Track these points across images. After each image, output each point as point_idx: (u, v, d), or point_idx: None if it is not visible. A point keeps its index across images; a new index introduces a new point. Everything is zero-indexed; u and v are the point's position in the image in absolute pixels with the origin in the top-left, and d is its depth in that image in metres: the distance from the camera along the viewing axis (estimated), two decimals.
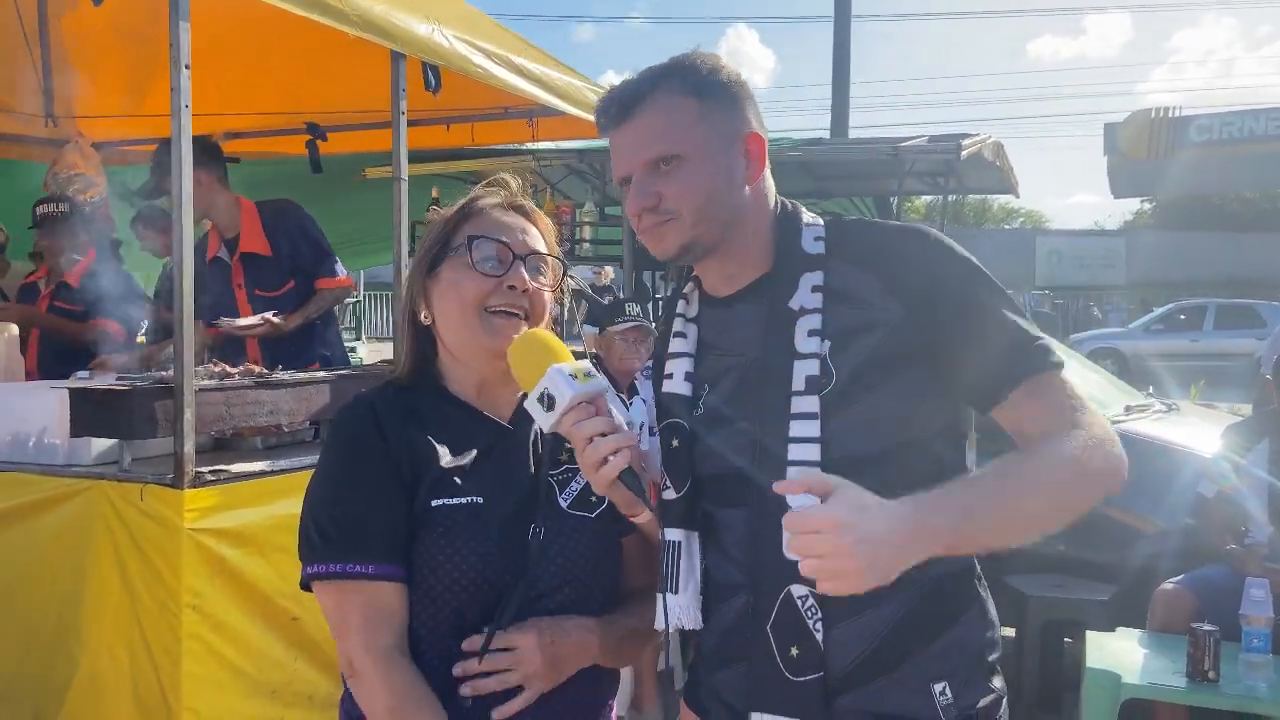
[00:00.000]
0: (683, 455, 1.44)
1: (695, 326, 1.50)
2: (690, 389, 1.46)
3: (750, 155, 1.40)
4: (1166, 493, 4.26)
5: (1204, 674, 3.12)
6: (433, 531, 1.42)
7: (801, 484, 1.22)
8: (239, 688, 2.83)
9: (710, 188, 1.37)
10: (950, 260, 1.37)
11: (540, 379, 1.33)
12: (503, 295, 1.47)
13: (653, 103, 1.38)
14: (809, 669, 1.31)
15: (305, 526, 1.45)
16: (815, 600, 1.31)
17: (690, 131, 1.37)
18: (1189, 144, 16.06)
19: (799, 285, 1.38)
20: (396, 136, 3.56)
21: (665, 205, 1.37)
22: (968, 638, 1.38)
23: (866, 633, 1.33)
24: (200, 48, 2.75)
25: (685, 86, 1.38)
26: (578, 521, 1.50)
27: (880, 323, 1.34)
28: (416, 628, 1.44)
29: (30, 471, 2.91)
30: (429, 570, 1.42)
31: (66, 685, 2.79)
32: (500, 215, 1.52)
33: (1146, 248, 27.10)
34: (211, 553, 2.74)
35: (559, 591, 1.47)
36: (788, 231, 1.44)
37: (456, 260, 1.49)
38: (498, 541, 1.43)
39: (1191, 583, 3.73)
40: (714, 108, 1.39)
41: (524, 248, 1.50)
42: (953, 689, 1.34)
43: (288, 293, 3.94)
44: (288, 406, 3.16)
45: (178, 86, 2.69)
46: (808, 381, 1.34)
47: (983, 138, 6.24)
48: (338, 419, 1.55)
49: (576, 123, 4.69)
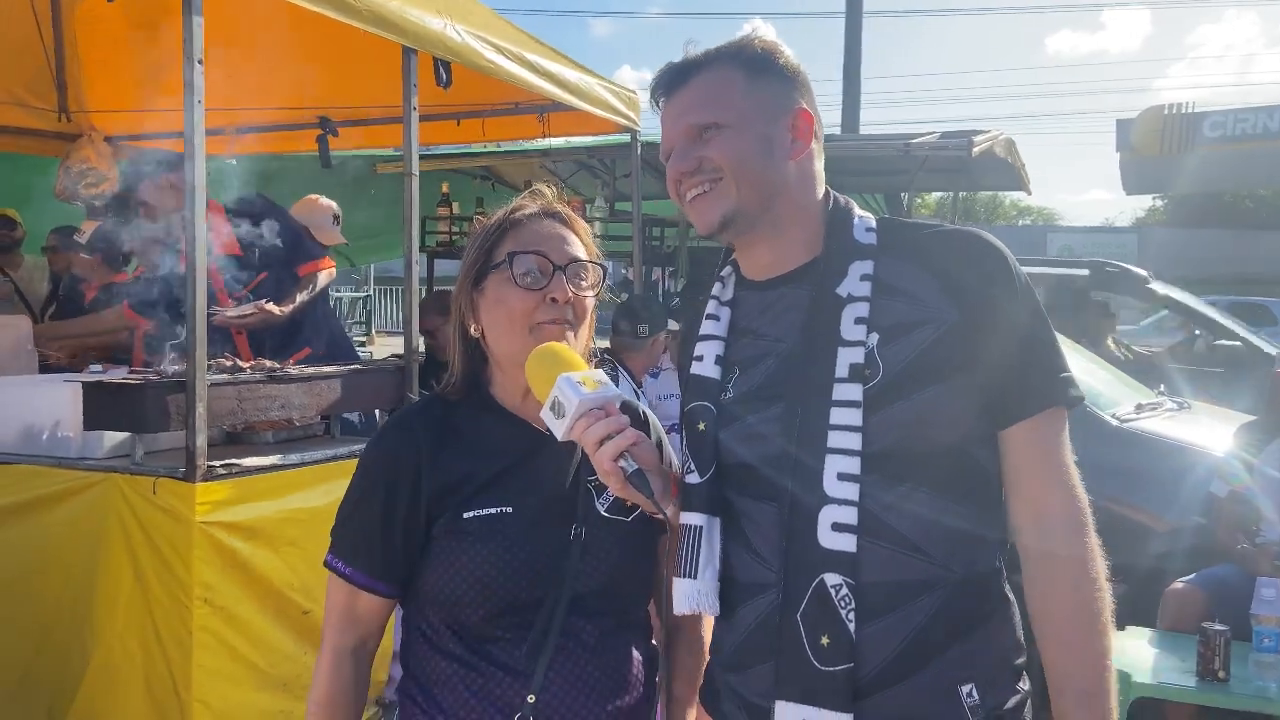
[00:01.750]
0: (708, 439, 1.43)
1: (729, 310, 1.49)
2: (719, 372, 1.45)
3: (797, 131, 1.40)
4: (1178, 491, 4.25)
5: (1214, 673, 3.11)
6: (463, 540, 1.47)
7: None
8: (250, 680, 2.85)
9: (750, 152, 1.38)
10: (1011, 274, 1.36)
11: (551, 389, 1.35)
12: (547, 309, 1.50)
13: (701, 76, 1.41)
14: (839, 659, 1.29)
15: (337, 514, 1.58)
16: (850, 590, 1.29)
17: (734, 102, 1.38)
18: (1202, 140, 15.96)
19: (848, 273, 1.37)
20: (408, 132, 3.57)
21: (706, 165, 1.39)
22: (995, 640, 1.36)
23: (896, 632, 1.31)
24: (212, 42, 2.76)
25: (735, 62, 1.40)
26: (615, 525, 1.53)
27: (934, 321, 1.32)
28: (444, 629, 1.49)
29: (43, 464, 2.93)
30: (458, 575, 1.47)
31: (80, 676, 2.81)
32: (539, 225, 1.55)
33: (1158, 245, 26.98)
34: (223, 546, 2.76)
35: (598, 595, 1.50)
36: (839, 220, 1.43)
37: (499, 276, 1.52)
38: (524, 548, 1.46)
39: (1202, 581, 3.71)
40: (762, 83, 1.40)
41: (564, 257, 1.52)
42: (980, 690, 1.33)
43: (262, 284, 3.87)
44: (299, 401, 3.18)
45: (191, 81, 2.70)
46: (851, 369, 1.32)
47: (994, 134, 6.21)
48: (381, 434, 1.63)
49: (588, 119, 4.69)
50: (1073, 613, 1.32)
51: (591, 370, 1.38)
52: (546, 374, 1.37)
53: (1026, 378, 1.34)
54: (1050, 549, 1.33)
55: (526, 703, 1.43)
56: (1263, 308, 18.81)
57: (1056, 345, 1.38)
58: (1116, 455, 4.28)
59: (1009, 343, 1.33)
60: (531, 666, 1.45)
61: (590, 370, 1.38)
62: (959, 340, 1.31)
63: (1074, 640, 1.32)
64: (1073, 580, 1.32)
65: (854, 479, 1.30)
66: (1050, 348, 1.36)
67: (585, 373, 1.36)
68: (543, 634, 1.45)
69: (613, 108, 4.63)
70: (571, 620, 1.47)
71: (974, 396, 1.33)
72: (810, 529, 1.31)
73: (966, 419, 1.33)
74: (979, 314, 1.32)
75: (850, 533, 1.30)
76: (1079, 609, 1.32)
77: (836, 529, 1.30)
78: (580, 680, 1.47)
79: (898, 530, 1.31)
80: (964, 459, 1.34)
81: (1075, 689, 1.31)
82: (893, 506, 1.31)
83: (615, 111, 4.66)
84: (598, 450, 1.33)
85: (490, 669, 1.46)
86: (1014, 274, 1.36)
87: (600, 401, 1.34)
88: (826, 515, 1.31)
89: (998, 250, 1.37)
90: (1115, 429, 4.42)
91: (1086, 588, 1.32)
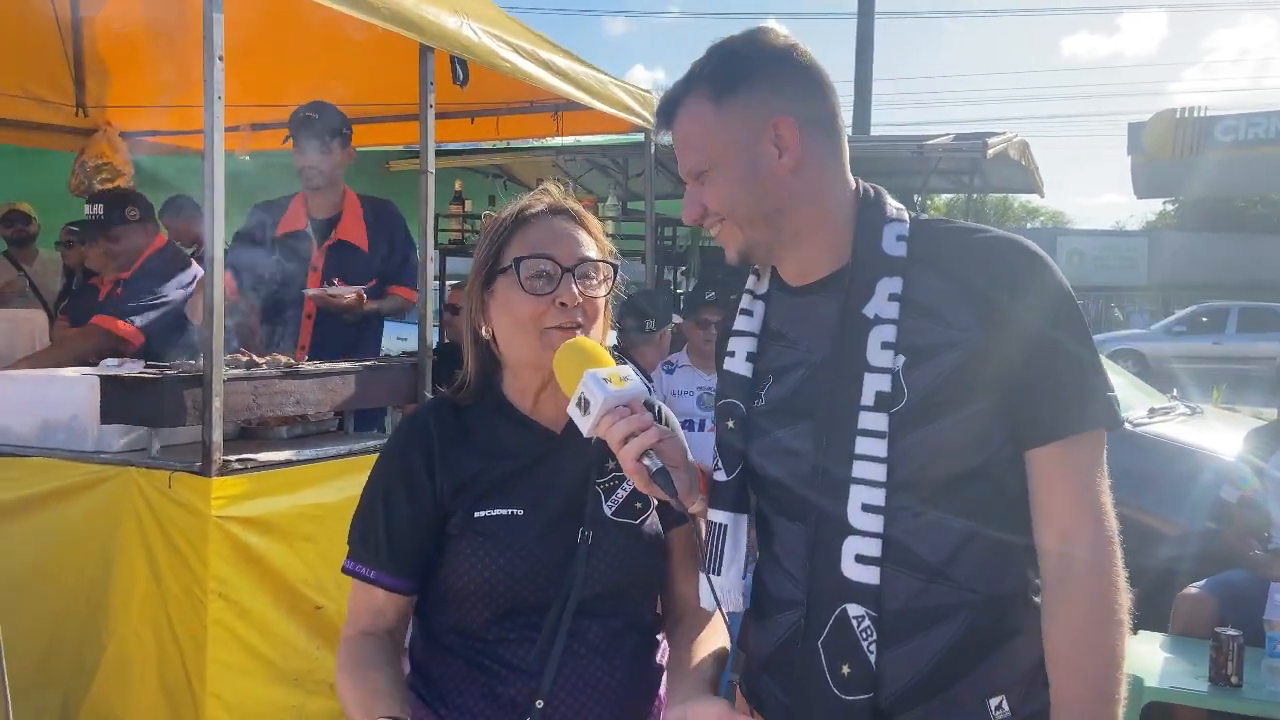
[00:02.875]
0: (737, 437, 1.42)
1: (763, 305, 1.46)
2: (751, 371, 1.43)
3: (781, 142, 1.33)
4: (1188, 495, 4.25)
5: (1226, 678, 3.10)
6: (474, 540, 1.48)
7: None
8: (263, 675, 2.86)
9: (737, 189, 1.35)
10: (1044, 289, 1.29)
11: (578, 385, 1.36)
12: (555, 314, 1.48)
13: (680, 115, 1.38)
14: (860, 689, 1.28)
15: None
16: (871, 621, 1.28)
17: (710, 141, 1.35)
18: (1214, 144, 15.93)
19: (875, 291, 1.31)
20: (424, 130, 3.57)
21: (709, 211, 1.38)
22: (1023, 652, 1.32)
23: (920, 656, 1.29)
24: (227, 38, 2.77)
25: (706, 91, 1.35)
26: (623, 528, 1.53)
27: (961, 343, 1.27)
28: (452, 628, 1.51)
29: (60, 457, 2.94)
30: (466, 575, 1.48)
31: (94, 668, 2.82)
32: (547, 224, 1.52)
33: (1169, 249, 26.91)
34: (238, 540, 2.77)
35: (606, 598, 1.50)
36: (868, 225, 1.37)
37: (507, 280, 1.50)
38: (533, 550, 1.47)
39: (1214, 587, 3.71)
40: (730, 106, 1.34)
41: (572, 258, 1.50)
42: (1010, 703, 1.31)
43: (367, 291, 3.84)
44: (314, 397, 3.19)
45: (210, 78, 2.70)
46: (878, 398, 1.28)
47: (1009, 136, 6.20)
48: (396, 434, 1.62)
49: (601, 118, 4.69)
50: (1087, 650, 1.26)
51: (618, 367, 1.38)
52: (574, 370, 1.38)
53: (1059, 398, 1.27)
54: (1070, 578, 1.27)
55: (535, 706, 1.44)
56: (1273, 313, 18.73)
57: (1096, 364, 1.30)
58: (1128, 459, 4.29)
59: (1039, 361, 1.27)
60: (540, 668, 1.45)
61: (617, 367, 1.38)
62: (985, 362, 1.26)
63: (1085, 672, 1.26)
64: (1088, 615, 1.26)
65: (878, 510, 1.28)
66: (1087, 367, 1.29)
67: (612, 369, 1.37)
68: (551, 636, 1.45)
69: (627, 106, 4.64)
70: (579, 622, 1.47)
71: (1002, 418, 1.28)
72: (834, 558, 1.30)
73: (994, 441, 1.29)
74: (1005, 333, 1.26)
75: (874, 565, 1.28)
76: (1094, 647, 1.26)
77: (860, 561, 1.29)
78: (588, 682, 1.47)
79: (923, 558, 1.29)
80: (991, 482, 1.30)
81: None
82: (918, 534, 1.29)
83: (629, 110, 4.66)
84: (622, 448, 1.34)
85: (498, 669, 1.47)
86: (1048, 288, 1.29)
87: (625, 399, 1.35)
88: (850, 547, 1.29)
89: (1033, 262, 1.29)
90: (1128, 433, 4.42)
91: (1103, 625, 1.26)
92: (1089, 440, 1.29)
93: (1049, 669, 1.30)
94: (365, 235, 3.87)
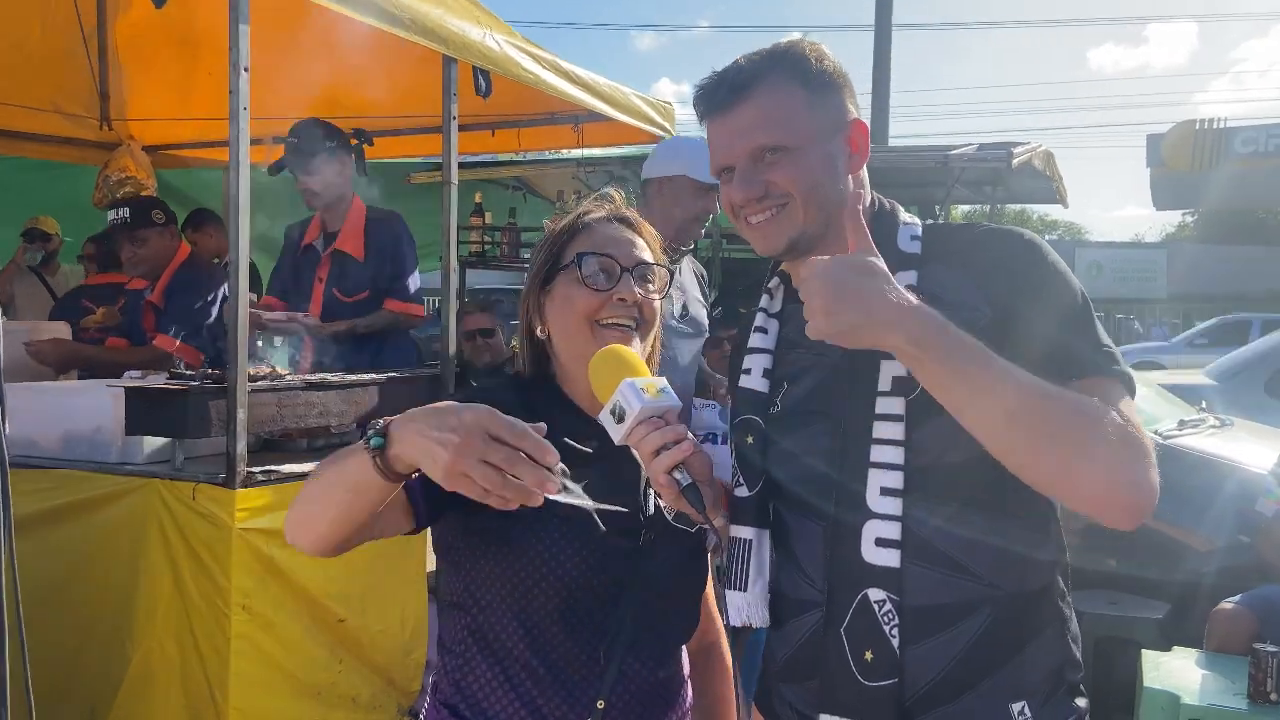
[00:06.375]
0: (756, 452, 1.43)
1: (777, 322, 1.49)
2: (767, 385, 1.46)
3: (854, 145, 1.40)
4: (1219, 509, 4.18)
5: (1265, 695, 3.04)
6: (547, 524, 1.42)
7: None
8: (285, 688, 2.84)
9: (818, 177, 1.37)
10: (1039, 264, 1.33)
11: (613, 393, 1.33)
12: (613, 309, 1.50)
13: (762, 89, 1.37)
14: (883, 675, 1.29)
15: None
16: (893, 606, 1.29)
17: (800, 122, 1.36)
18: (1234, 156, 15.82)
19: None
20: (447, 141, 3.57)
21: (773, 191, 1.37)
22: (1047, 655, 1.34)
23: (944, 652, 1.30)
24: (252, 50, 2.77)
25: (795, 75, 1.37)
26: (679, 535, 1.51)
27: (973, 324, 1.28)
28: (512, 620, 1.44)
29: (84, 469, 2.93)
30: (530, 564, 1.42)
31: (120, 679, 2.81)
32: (607, 229, 1.56)
33: (1188, 261, 26.74)
34: (261, 552, 2.75)
35: (663, 598, 1.49)
36: (883, 229, 1.41)
37: (567, 276, 1.52)
38: (600, 545, 1.44)
39: (1251, 602, 3.64)
40: (821, 97, 1.38)
41: (631, 259, 1.53)
42: (1032, 709, 1.31)
43: (361, 301, 3.80)
44: (337, 408, 3.18)
45: (236, 89, 2.70)
46: (894, 383, 1.31)
47: (1033, 146, 6.16)
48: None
49: (622, 129, 4.69)
50: (1094, 405, 1.20)
51: (654, 377, 1.36)
52: (610, 377, 1.35)
53: (1070, 349, 1.28)
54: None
55: (596, 707, 1.41)
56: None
57: (1098, 325, 1.32)
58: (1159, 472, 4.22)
59: (1045, 325, 1.29)
60: (604, 667, 1.42)
61: (653, 377, 1.36)
62: (992, 338, 1.26)
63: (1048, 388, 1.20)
64: (1121, 427, 1.20)
65: (897, 494, 1.29)
66: (1087, 324, 1.31)
67: (648, 379, 1.34)
68: (613, 640, 1.44)
69: (648, 118, 4.63)
70: (636, 629, 1.45)
71: None
72: (854, 544, 1.31)
73: None
74: (1009, 305, 1.30)
75: (894, 548, 1.29)
76: (1097, 415, 1.19)
77: (880, 544, 1.30)
78: (641, 686, 1.45)
79: (944, 552, 1.30)
80: (1008, 470, 1.29)
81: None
82: (938, 528, 1.30)
83: (650, 121, 4.66)
84: (654, 460, 1.31)
85: (544, 672, 1.42)
86: (1044, 261, 1.33)
87: (660, 410, 1.32)
88: (870, 530, 1.30)
89: (1029, 243, 1.35)
90: (1158, 445, 4.36)
91: (1119, 440, 1.19)
92: (1105, 385, 1.26)
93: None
94: (362, 246, 3.82)
